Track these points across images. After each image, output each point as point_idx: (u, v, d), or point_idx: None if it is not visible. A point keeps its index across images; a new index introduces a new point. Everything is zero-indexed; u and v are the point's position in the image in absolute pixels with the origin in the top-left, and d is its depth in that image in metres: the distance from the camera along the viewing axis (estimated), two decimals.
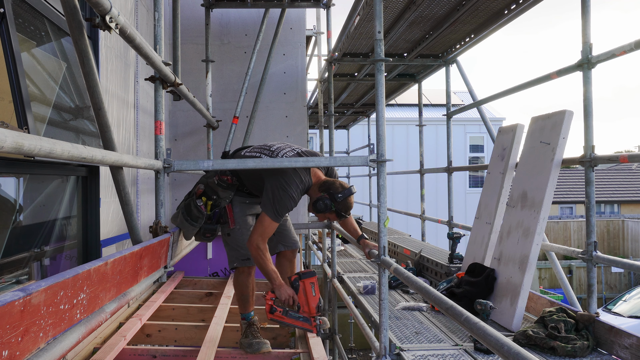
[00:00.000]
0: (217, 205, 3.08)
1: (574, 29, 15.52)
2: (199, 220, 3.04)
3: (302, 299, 3.21)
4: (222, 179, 3.05)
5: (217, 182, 3.06)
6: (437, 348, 2.99)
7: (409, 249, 5.63)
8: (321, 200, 2.92)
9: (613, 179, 23.74)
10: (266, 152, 3.04)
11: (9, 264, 2.60)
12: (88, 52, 2.07)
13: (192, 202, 3.06)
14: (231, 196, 3.10)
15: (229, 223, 3.12)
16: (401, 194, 16.08)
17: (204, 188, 3.09)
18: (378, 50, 2.80)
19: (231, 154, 3.28)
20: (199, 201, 3.05)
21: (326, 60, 5.75)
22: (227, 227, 3.14)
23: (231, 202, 3.12)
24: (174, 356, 3.28)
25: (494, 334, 1.48)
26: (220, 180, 3.05)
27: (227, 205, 3.11)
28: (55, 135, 2.93)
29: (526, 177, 3.59)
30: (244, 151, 3.17)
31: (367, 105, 9.71)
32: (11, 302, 1.13)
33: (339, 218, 3.03)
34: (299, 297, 3.20)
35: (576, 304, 3.74)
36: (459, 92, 18.71)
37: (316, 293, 3.21)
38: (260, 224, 2.92)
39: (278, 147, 3.07)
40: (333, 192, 2.91)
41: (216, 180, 3.06)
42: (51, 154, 1.41)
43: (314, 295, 3.20)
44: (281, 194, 2.87)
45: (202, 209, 3.03)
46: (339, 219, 3.05)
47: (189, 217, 3.05)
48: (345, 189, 2.93)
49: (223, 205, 3.10)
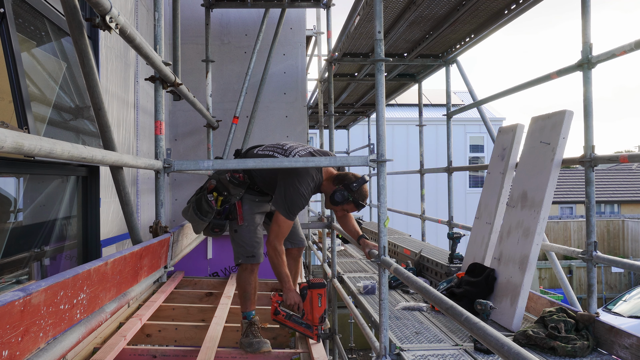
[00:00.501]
0: (228, 201, 3.15)
1: (574, 29, 15.49)
2: (208, 215, 3.10)
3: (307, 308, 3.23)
4: (234, 176, 3.13)
5: (229, 179, 3.13)
6: (437, 348, 2.99)
7: (409, 249, 5.63)
8: (338, 192, 3.04)
9: (613, 179, 23.74)
10: (279, 150, 3.12)
11: (9, 264, 2.60)
12: (88, 52, 2.07)
13: (204, 197, 3.12)
14: (241, 193, 3.17)
15: (238, 220, 3.18)
16: (401, 194, 16.08)
17: (215, 184, 3.16)
18: (378, 50, 2.80)
19: (244, 152, 3.36)
20: (210, 196, 3.11)
21: (326, 60, 5.75)
22: (235, 223, 3.20)
23: (241, 200, 3.19)
24: (174, 356, 3.28)
25: (494, 334, 1.48)
26: (232, 177, 3.13)
27: (237, 202, 3.18)
28: (55, 135, 2.92)
29: (526, 177, 3.59)
30: (257, 149, 3.26)
31: (367, 105, 9.70)
32: (11, 302, 1.13)
33: (357, 208, 3.14)
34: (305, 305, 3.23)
35: (576, 304, 3.74)
36: (459, 92, 18.71)
37: (322, 304, 3.24)
38: (276, 224, 3.04)
39: (291, 146, 3.15)
40: (347, 183, 3.06)
41: (228, 177, 3.14)
42: (51, 154, 1.41)
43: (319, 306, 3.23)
44: (293, 193, 2.97)
45: (213, 204, 3.10)
46: (357, 208, 3.15)
47: (199, 212, 3.11)
48: (359, 178, 3.08)
49: (233, 201, 3.17)
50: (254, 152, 3.23)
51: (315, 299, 3.21)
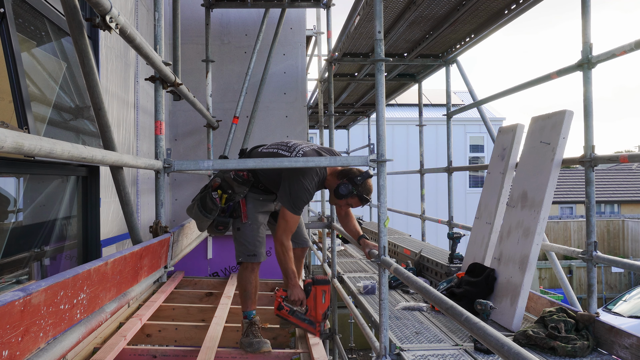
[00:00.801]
0: (232, 199, 3.18)
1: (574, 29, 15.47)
2: (212, 212, 3.14)
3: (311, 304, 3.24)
4: (238, 174, 3.16)
5: (233, 177, 3.16)
6: (437, 348, 2.99)
7: (409, 249, 5.63)
8: (342, 185, 3.07)
9: (613, 179, 23.74)
10: (283, 147, 3.16)
11: (9, 264, 2.60)
12: (88, 52, 2.07)
13: (208, 195, 3.15)
14: (245, 191, 3.20)
15: (242, 217, 3.21)
16: (401, 194, 16.08)
17: (220, 181, 3.19)
18: (378, 50, 2.80)
19: (248, 151, 3.38)
20: (215, 194, 3.14)
21: (326, 60, 5.75)
22: (239, 221, 3.23)
23: (245, 198, 3.22)
24: (174, 356, 3.28)
25: (494, 334, 1.48)
26: (236, 175, 3.16)
27: (241, 200, 3.21)
28: (55, 135, 2.93)
29: (526, 177, 3.59)
30: (261, 148, 3.30)
31: (367, 105, 9.70)
32: (11, 302, 1.13)
33: (361, 202, 3.15)
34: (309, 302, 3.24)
35: (576, 304, 3.75)
36: (459, 92, 18.71)
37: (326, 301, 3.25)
38: (283, 219, 3.06)
39: (295, 143, 3.20)
40: (352, 177, 3.08)
41: (232, 175, 3.17)
42: (51, 154, 1.41)
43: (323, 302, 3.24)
44: (297, 187, 3.00)
45: (217, 202, 3.13)
46: (361, 203, 3.16)
47: (204, 209, 3.14)
48: (363, 172, 3.11)
49: (237, 199, 3.20)
50: (259, 151, 3.27)
51: (319, 296, 3.22)
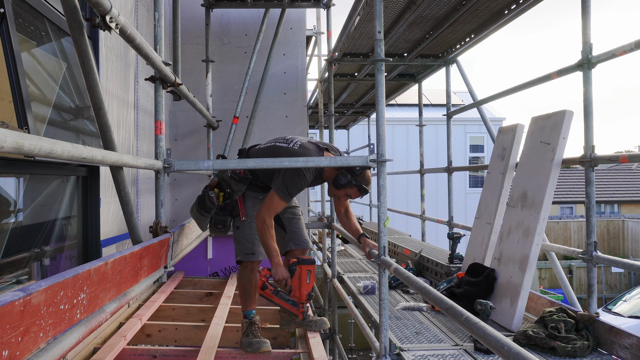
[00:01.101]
0: (229, 197, 3.20)
1: (574, 29, 15.46)
2: (210, 211, 3.16)
3: (295, 284, 3.23)
4: (235, 172, 3.18)
5: (230, 175, 3.18)
6: (437, 348, 2.99)
7: (409, 249, 5.63)
8: (341, 175, 3.05)
9: (613, 179, 23.74)
10: (281, 140, 3.19)
11: (9, 264, 2.60)
12: (88, 52, 2.07)
13: (206, 194, 3.17)
14: (243, 189, 3.22)
15: (240, 215, 3.23)
16: (401, 194, 16.08)
17: (217, 180, 3.22)
18: (378, 50, 2.80)
19: (248, 149, 3.40)
20: (212, 192, 3.17)
21: (326, 60, 5.75)
22: (237, 220, 3.25)
23: (243, 196, 3.24)
24: (174, 356, 3.28)
25: (494, 334, 1.48)
26: (234, 174, 3.18)
27: (239, 198, 3.23)
28: (55, 135, 2.93)
29: (526, 177, 3.59)
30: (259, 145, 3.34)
31: (367, 105, 9.70)
32: (11, 302, 1.13)
33: (360, 193, 3.13)
34: (293, 281, 3.22)
35: (576, 304, 3.74)
36: (459, 92, 18.70)
37: (310, 281, 3.24)
38: (270, 199, 3.05)
39: (293, 136, 3.22)
40: (350, 167, 3.05)
41: (230, 173, 3.19)
42: (51, 154, 1.41)
43: (307, 282, 3.23)
44: (292, 172, 2.99)
45: (214, 200, 3.15)
46: (360, 193, 3.14)
47: (202, 208, 3.17)
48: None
49: (235, 197, 3.22)
50: (257, 148, 3.30)
51: (304, 275, 3.21)
